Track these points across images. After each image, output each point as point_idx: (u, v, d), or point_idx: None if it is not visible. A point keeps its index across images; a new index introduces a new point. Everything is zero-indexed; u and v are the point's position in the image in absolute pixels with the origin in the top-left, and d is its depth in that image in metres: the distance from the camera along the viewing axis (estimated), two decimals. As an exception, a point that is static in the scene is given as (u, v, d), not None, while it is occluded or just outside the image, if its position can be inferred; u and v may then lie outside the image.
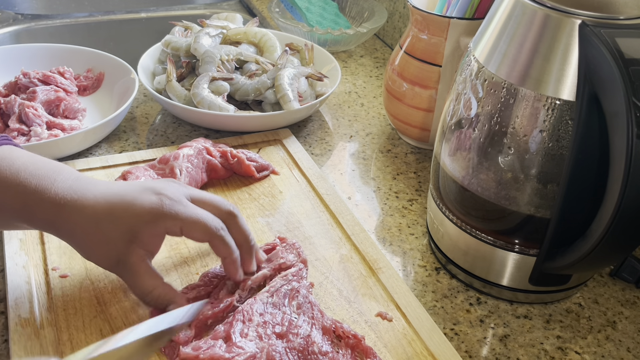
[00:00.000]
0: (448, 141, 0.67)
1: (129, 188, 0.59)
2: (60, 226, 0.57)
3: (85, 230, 0.57)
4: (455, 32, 0.82)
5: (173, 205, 0.57)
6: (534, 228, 0.62)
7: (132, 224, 0.56)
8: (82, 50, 1.02)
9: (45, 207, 0.56)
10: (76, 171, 0.60)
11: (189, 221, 0.57)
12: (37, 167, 0.58)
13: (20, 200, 0.56)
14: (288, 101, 0.90)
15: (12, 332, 0.59)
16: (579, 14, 0.55)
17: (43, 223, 0.58)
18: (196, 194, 0.61)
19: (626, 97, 0.50)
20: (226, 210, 0.61)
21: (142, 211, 0.56)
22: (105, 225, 0.56)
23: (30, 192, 0.56)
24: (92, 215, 0.56)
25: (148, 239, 0.57)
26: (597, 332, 0.66)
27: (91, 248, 0.58)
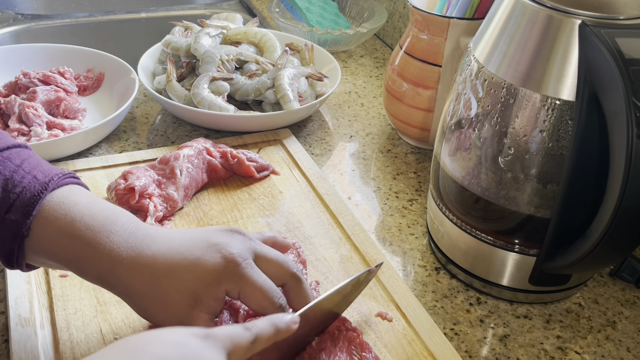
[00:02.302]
0: (448, 141, 0.67)
1: (191, 244, 0.54)
2: (115, 284, 0.53)
3: (142, 291, 0.53)
4: (455, 32, 0.82)
5: (238, 268, 0.52)
6: (534, 228, 0.62)
7: (194, 288, 0.52)
8: (82, 50, 1.02)
9: (99, 262, 0.52)
10: (134, 219, 0.55)
11: (250, 287, 0.53)
12: (94, 215, 0.53)
13: (72, 252, 0.53)
14: (288, 101, 0.90)
15: (12, 332, 0.59)
16: (579, 14, 0.55)
17: (95, 278, 0.54)
18: (261, 250, 0.55)
19: (626, 97, 0.50)
20: (290, 273, 0.56)
21: (206, 273, 0.52)
22: (164, 287, 0.52)
23: (84, 245, 0.52)
24: (151, 276, 0.52)
25: (211, 302, 0.53)
26: (597, 332, 0.66)
27: (149, 309, 0.54)
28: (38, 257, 0.54)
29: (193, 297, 0.52)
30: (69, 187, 0.55)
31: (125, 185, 0.73)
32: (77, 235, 0.52)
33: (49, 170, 0.54)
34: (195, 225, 0.74)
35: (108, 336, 0.59)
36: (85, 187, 0.57)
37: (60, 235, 0.52)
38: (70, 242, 0.52)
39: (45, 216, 0.52)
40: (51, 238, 0.53)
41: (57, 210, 0.53)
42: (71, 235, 0.52)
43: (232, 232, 0.56)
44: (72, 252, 0.53)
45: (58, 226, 0.52)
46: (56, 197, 0.53)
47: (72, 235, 0.52)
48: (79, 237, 0.52)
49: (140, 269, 0.52)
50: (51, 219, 0.52)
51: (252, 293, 0.53)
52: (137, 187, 0.72)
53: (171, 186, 0.75)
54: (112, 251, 0.52)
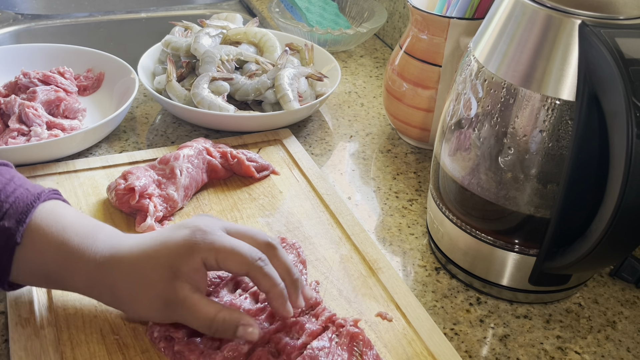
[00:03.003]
0: (448, 141, 0.67)
1: (162, 231, 0.57)
2: (101, 286, 0.56)
3: (125, 282, 0.55)
4: (455, 32, 0.82)
5: (206, 235, 0.54)
6: (534, 228, 0.62)
7: (169, 261, 0.54)
8: (82, 50, 1.02)
9: (85, 266, 0.55)
10: (115, 229, 0.59)
11: (224, 250, 0.54)
12: (82, 224, 0.57)
13: (61, 258, 0.55)
14: (288, 101, 0.90)
15: (12, 332, 0.59)
16: (579, 14, 0.55)
17: (83, 284, 0.56)
18: (231, 226, 0.57)
19: (626, 97, 0.50)
20: (264, 242, 0.57)
21: (176, 246, 0.54)
22: (142, 269, 0.54)
23: (71, 252, 0.55)
24: (129, 266, 0.55)
25: (189, 273, 0.54)
26: (597, 332, 0.66)
27: (135, 299, 0.55)
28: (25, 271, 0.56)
29: (171, 270, 0.54)
30: (57, 201, 0.59)
31: (125, 185, 0.73)
32: (66, 242, 0.55)
33: (37, 186, 0.58)
34: (195, 225, 0.74)
35: (108, 336, 0.59)
36: (68, 203, 0.61)
37: (50, 242, 0.55)
38: (59, 249, 0.55)
39: (37, 224, 0.55)
40: (41, 246, 0.55)
41: (47, 218, 0.56)
42: (61, 242, 0.55)
43: (201, 215, 0.59)
44: (61, 259, 0.55)
45: (49, 233, 0.55)
46: (46, 207, 0.57)
47: (61, 242, 0.55)
48: (68, 244, 0.55)
49: (120, 263, 0.55)
50: (43, 226, 0.55)
51: (227, 256, 0.54)
52: (137, 187, 0.72)
53: (171, 186, 0.75)
54: (96, 254, 0.56)
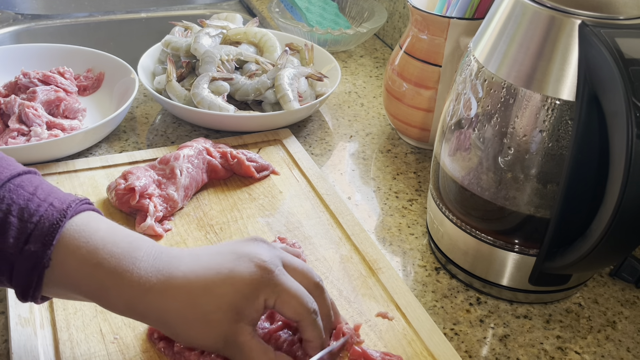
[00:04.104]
0: (448, 141, 0.67)
1: (220, 259, 0.53)
2: (146, 312, 0.51)
3: (180, 314, 0.51)
4: (455, 32, 0.82)
5: (272, 276, 0.52)
6: (534, 228, 0.62)
7: (234, 302, 0.51)
8: (82, 50, 1.02)
9: (127, 290, 0.50)
10: (155, 243, 0.54)
11: (286, 295, 0.52)
12: (116, 242, 0.51)
13: (97, 282, 0.50)
14: (288, 101, 0.90)
15: (12, 332, 0.59)
16: (579, 14, 0.55)
17: (124, 308, 0.51)
18: (288, 259, 0.55)
19: (626, 97, 0.50)
20: (314, 282, 0.56)
21: (242, 284, 0.51)
22: (204, 306, 0.51)
23: (108, 274, 0.50)
24: (187, 297, 0.51)
25: (252, 315, 0.52)
26: (597, 332, 0.66)
27: (190, 332, 0.52)
28: (58, 289, 0.51)
29: (235, 311, 0.51)
30: (87, 213, 0.52)
31: (126, 185, 0.73)
32: (100, 263, 0.50)
33: (65, 197, 0.52)
34: (195, 225, 0.74)
35: (108, 336, 0.59)
36: (100, 212, 0.55)
37: (82, 264, 0.50)
38: (93, 272, 0.50)
39: (66, 245, 0.50)
40: (73, 268, 0.50)
41: (78, 238, 0.50)
42: (95, 264, 0.50)
43: (257, 241, 0.55)
44: (96, 282, 0.50)
45: (80, 255, 0.50)
46: (75, 224, 0.51)
47: (95, 263, 0.50)
48: (103, 265, 0.50)
49: (174, 292, 0.51)
50: (73, 247, 0.50)
51: (288, 300, 0.52)
52: (137, 187, 0.72)
53: (171, 186, 0.75)
54: (141, 278, 0.50)
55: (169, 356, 0.57)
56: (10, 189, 0.50)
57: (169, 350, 0.57)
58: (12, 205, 0.49)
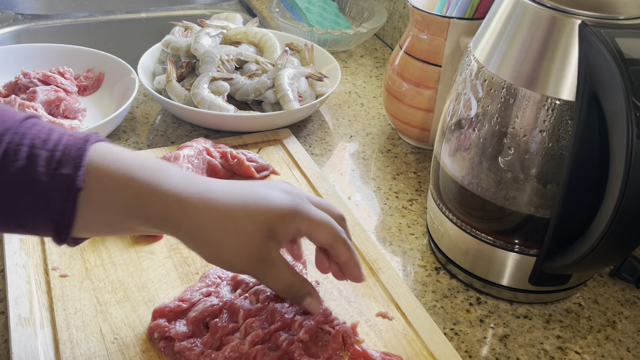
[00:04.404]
0: (448, 141, 0.67)
1: (256, 186, 0.57)
2: (182, 222, 0.52)
3: (217, 225, 0.53)
4: (455, 32, 0.82)
5: (305, 205, 0.56)
6: (534, 228, 0.62)
7: (270, 221, 0.54)
8: (82, 50, 1.02)
9: (164, 199, 0.51)
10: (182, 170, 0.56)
11: (318, 223, 0.56)
12: (146, 159, 0.53)
13: (132, 194, 0.51)
14: (288, 101, 0.90)
15: (12, 332, 0.59)
16: (579, 14, 0.55)
17: (159, 219, 0.52)
18: (313, 197, 0.59)
19: (626, 97, 0.50)
20: (338, 214, 0.59)
21: (280, 209, 0.54)
22: (242, 220, 0.53)
23: (143, 185, 0.51)
24: (226, 210, 0.53)
25: (284, 237, 0.55)
26: (597, 332, 0.66)
27: (222, 244, 0.54)
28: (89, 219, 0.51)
29: (269, 228, 0.54)
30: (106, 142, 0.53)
31: (125, 185, 0.73)
32: (134, 176, 0.51)
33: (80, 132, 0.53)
34: (195, 225, 0.74)
35: (108, 336, 0.59)
36: None
37: (116, 179, 0.51)
38: (128, 184, 0.51)
39: (96, 164, 0.50)
40: (107, 184, 0.50)
41: (106, 158, 0.51)
42: (128, 177, 0.51)
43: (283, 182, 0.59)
44: (132, 194, 0.51)
45: (112, 171, 0.51)
46: (99, 148, 0.51)
47: (129, 177, 0.51)
48: (138, 176, 0.51)
49: (213, 204, 0.52)
50: (103, 166, 0.50)
51: (320, 228, 0.56)
52: (137, 187, 0.72)
53: (171, 186, 0.75)
54: (177, 188, 0.52)
55: (169, 356, 0.57)
56: (28, 126, 0.50)
57: (169, 350, 0.57)
58: (34, 139, 0.50)
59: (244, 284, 0.63)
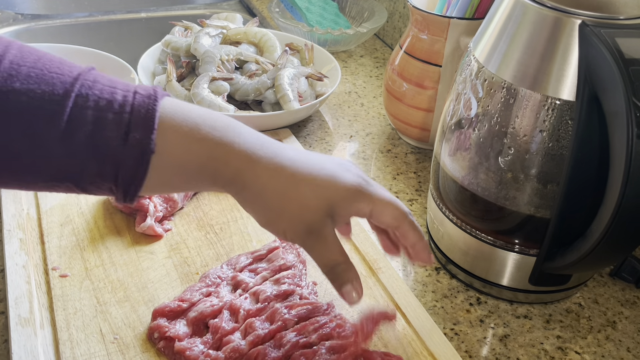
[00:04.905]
0: (448, 141, 0.67)
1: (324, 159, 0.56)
2: (251, 182, 0.52)
3: (281, 190, 0.53)
4: (455, 32, 0.82)
5: (370, 187, 0.55)
6: (534, 228, 0.62)
7: (332, 197, 0.53)
8: (82, 50, 1.02)
9: (236, 159, 0.51)
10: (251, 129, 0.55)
11: (385, 203, 0.55)
12: (214, 118, 0.52)
13: (205, 156, 0.50)
14: (288, 101, 0.90)
15: (12, 332, 0.59)
16: (579, 14, 0.55)
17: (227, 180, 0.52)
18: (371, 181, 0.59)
19: (626, 97, 0.50)
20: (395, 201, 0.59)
21: (344, 187, 0.54)
22: (305, 190, 0.53)
23: (216, 145, 0.51)
24: (292, 178, 0.52)
25: (342, 216, 0.55)
26: (597, 332, 0.66)
27: (281, 211, 0.53)
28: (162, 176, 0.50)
29: (329, 206, 0.53)
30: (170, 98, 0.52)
31: (125, 185, 0.73)
32: (205, 137, 0.50)
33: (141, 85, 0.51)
34: (195, 225, 0.74)
35: (108, 336, 0.59)
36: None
37: (187, 141, 0.50)
38: (200, 145, 0.50)
39: (167, 126, 0.49)
40: (179, 146, 0.50)
41: (175, 119, 0.50)
42: (200, 138, 0.50)
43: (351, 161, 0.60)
44: (204, 155, 0.50)
45: (183, 132, 0.50)
46: (167, 107, 0.50)
47: (200, 138, 0.50)
48: (208, 138, 0.50)
49: (280, 170, 0.52)
50: (174, 127, 0.49)
51: (386, 207, 0.55)
52: (137, 187, 0.72)
53: (171, 186, 0.75)
54: (248, 149, 0.52)
55: (168, 356, 0.57)
56: (88, 85, 0.48)
57: (168, 350, 0.57)
58: (99, 100, 0.47)
59: (244, 284, 0.64)
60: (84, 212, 0.74)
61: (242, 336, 0.58)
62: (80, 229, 0.71)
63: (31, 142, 0.46)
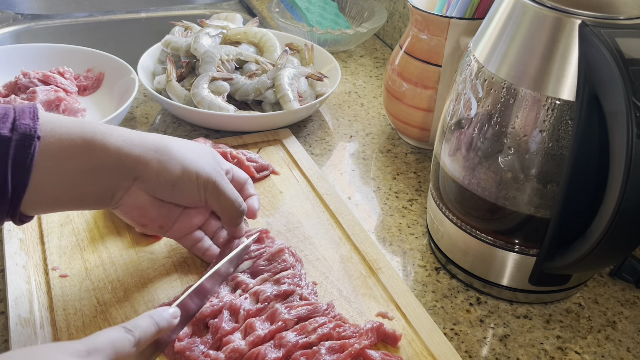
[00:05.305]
0: (448, 141, 0.67)
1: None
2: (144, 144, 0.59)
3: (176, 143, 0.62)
4: (455, 32, 0.82)
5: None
6: (534, 228, 0.62)
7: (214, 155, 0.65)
8: (82, 50, 1.02)
9: (119, 132, 0.58)
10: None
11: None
12: (88, 121, 0.59)
13: (89, 132, 0.57)
14: (288, 101, 0.90)
15: (12, 332, 0.59)
16: (579, 14, 0.55)
17: (118, 144, 0.58)
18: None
19: (626, 97, 0.50)
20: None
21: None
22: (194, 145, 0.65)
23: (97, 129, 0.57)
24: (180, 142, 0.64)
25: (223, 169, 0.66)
26: (597, 332, 0.66)
27: (191, 158, 0.61)
28: (50, 164, 0.54)
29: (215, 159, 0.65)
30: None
31: (125, 185, 0.73)
32: (86, 125, 0.57)
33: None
34: (195, 225, 0.74)
35: (108, 336, 0.59)
36: None
37: (71, 128, 0.56)
38: (83, 130, 0.56)
39: (50, 119, 0.55)
40: (64, 128, 0.55)
41: (54, 116, 0.57)
42: (81, 124, 0.57)
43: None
44: (89, 133, 0.56)
45: (66, 122, 0.56)
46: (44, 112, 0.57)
47: (82, 124, 0.57)
48: (90, 126, 0.57)
49: (169, 139, 0.62)
50: (57, 118, 0.56)
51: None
52: (137, 187, 0.72)
53: (171, 186, 0.75)
54: (128, 130, 0.60)
55: (169, 356, 0.57)
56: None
57: (169, 350, 0.57)
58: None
59: (244, 284, 0.64)
60: (84, 212, 0.74)
61: (242, 336, 0.58)
62: (80, 229, 0.71)
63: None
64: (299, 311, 0.60)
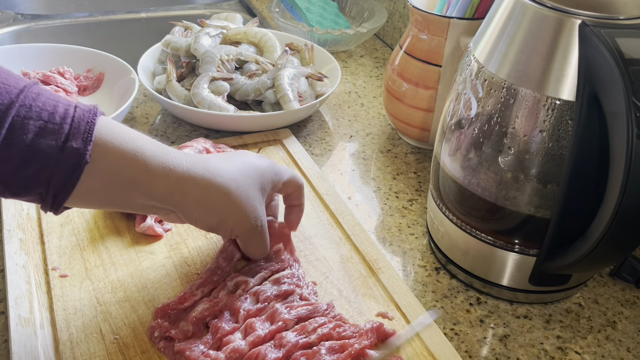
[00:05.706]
0: (448, 141, 0.67)
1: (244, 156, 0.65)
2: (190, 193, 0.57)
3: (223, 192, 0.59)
4: (455, 32, 0.82)
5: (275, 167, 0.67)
6: (534, 228, 0.62)
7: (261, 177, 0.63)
8: (82, 50, 1.02)
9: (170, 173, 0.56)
10: None
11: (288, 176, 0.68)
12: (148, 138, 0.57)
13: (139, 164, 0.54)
14: (288, 101, 0.90)
15: (12, 332, 0.59)
16: (579, 14, 0.55)
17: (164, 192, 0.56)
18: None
19: (626, 97, 0.50)
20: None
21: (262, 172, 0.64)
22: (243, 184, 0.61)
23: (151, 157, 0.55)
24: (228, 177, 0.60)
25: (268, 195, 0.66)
26: (597, 332, 0.66)
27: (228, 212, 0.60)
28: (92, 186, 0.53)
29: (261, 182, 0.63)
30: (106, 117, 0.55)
31: (125, 185, 0.73)
32: (140, 150, 0.54)
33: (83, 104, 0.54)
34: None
35: (108, 336, 0.59)
36: None
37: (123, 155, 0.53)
38: (135, 157, 0.53)
39: (104, 139, 0.52)
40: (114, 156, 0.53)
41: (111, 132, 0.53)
42: (134, 151, 0.54)
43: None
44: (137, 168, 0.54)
45: (119, 145, 0.53)
46: (106, 122, 0.54)
47: (135, 151, 0.54)
48: (144, 150, 0.54)
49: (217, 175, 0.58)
50: (110, 140, 0.53)
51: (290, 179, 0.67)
52: (137, 187, 0.72)
53: (171, 186, 0.75)
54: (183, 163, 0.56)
55: (169, 356, 0.57)
56: (32, 97, 0.50)
57: (169, 350, 0.57)
58: (41, 112, 0.50)
59: (244, 284, 0.64)
60: (84, 212, 0.74)
61: (242, 336, 0.58)
62: (80, 229, 0.71)
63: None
64: (299, 311, 0.60)
